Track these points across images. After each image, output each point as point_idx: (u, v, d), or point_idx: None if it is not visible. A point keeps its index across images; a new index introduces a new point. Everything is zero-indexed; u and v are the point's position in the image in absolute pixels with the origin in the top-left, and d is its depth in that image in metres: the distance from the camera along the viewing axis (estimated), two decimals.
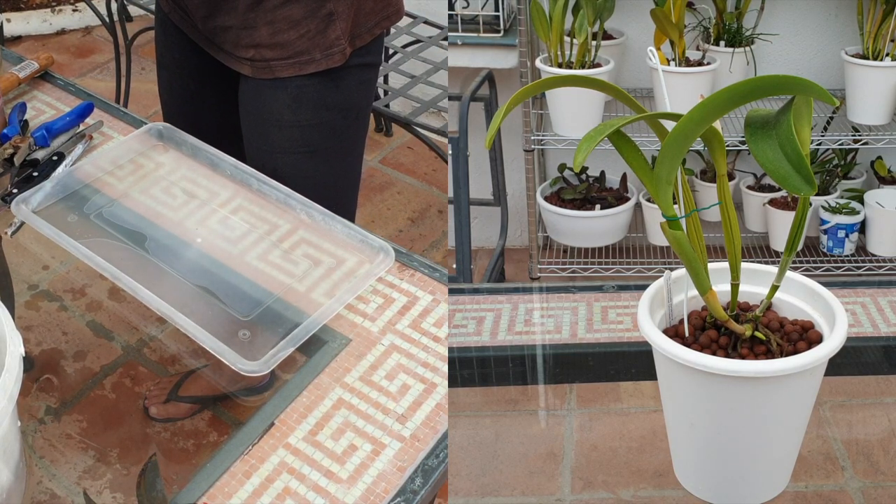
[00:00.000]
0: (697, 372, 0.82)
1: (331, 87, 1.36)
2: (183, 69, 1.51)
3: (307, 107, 1.36)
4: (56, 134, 1.31)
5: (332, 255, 1.14)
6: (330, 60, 1.33)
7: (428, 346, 1.05)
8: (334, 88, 1.37)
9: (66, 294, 1.15)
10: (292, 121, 1.37)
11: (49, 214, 1.17)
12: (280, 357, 1.00)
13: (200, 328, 1.01)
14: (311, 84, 1.35)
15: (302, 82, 1.34)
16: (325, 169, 1.43)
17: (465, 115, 1.99)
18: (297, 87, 1.34)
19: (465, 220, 2.04)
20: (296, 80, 1.34)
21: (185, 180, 1.25)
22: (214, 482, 0.90)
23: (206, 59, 1.43)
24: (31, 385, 1.02)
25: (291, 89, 1.35)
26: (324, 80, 1.35)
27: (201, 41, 1.41)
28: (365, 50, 1.38)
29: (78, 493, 0.92)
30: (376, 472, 0.91)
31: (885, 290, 1.24)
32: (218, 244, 1.17)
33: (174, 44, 1.48)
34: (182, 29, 1.44)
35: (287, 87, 1.34)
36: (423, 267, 1.15)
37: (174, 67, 1.53)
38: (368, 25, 1.36)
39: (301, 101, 1.35)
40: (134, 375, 1.06)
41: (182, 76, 1.52)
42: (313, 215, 1.20)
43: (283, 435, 0.94)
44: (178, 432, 1.01)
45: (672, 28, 2.01)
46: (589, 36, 2.05)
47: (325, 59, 1.32)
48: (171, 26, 1.46)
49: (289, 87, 1.34)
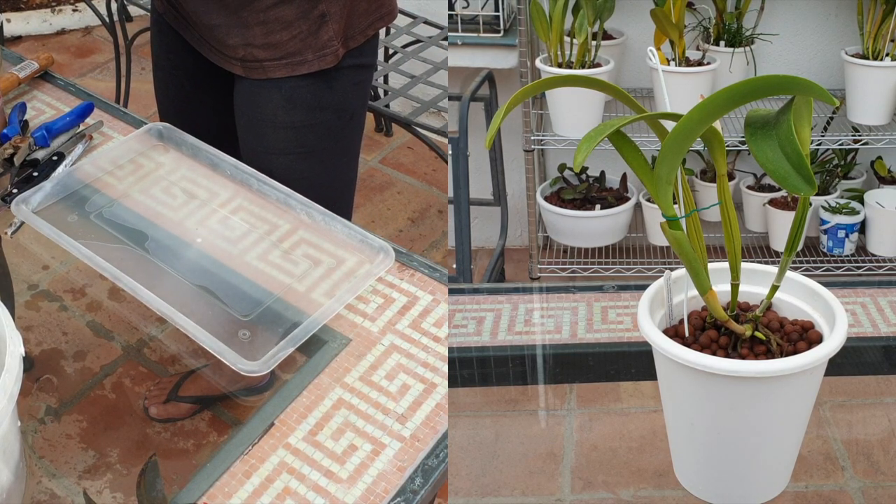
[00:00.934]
0: (697, 372, 0.82)
1: (324, 88, 1.36)
2: (178, 70, 1.51)
3: (301, 108, 1.36)
4: (56, 134, 1.31)
5: (332, 255, 1.14)
6: (322, 62, 1.33)
7: (428, 346, 1.05)
8: (328, 89, 1.37)
9: (66, 294, 1.15)
10: (286, 121, 1.37)
11: (49, 214, 1.17)
12: (280, 357, 1.00)
13: (200, 328, 1.01)
14: (304, 85, 1.35)
15: (295, 83, 1.34)
16: (320, 169, 1.43)
17: (465, 115, 1.99)
18: (290, 87, 1.35)
19: (465, 220, 2.04)
20: (289, 81, 1.34)
21: (185, 180, 1.25)
22: (214, 482, 0.90)
23: (200, 60, 1.43)
24: (31, 385, 1.02)
25: (285, 90, 1.35)
26: (317, 80, 1.35)
27: (194, 41, 1.41)
28: (358, 51, 1.38)
29: (78, 493, 0.92)
30: (376, 472, 0.91)
31: (885, 290, 1.24)
32: (218, 244, 1.17)
33: (169, 44, 1.48)
34: (177, 29, 1.44)
35: (281, 88, 1.35)
36: (423, 267, 1.15)
37: (169, 68, 1.53)
38: (362, 27, 1.36)
39: (295, 101, 1.35)
40: (134, 375, 1.06)
41: (177, 77, 1.52)
42: (313, 215, 1.20)
43: (283, 435, 0.94)
44: (178, 432, 1.01)
45: (672, 28, 2.01)
46: (589, 36, 2.05)
47: (318, 60, 1.32)
48: (166, 27, 1.46)
49: (282, 88, 1.35)
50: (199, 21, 1.35)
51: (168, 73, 1.54)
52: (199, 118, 1.51)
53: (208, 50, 1.39)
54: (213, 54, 1.39)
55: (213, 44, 1.37)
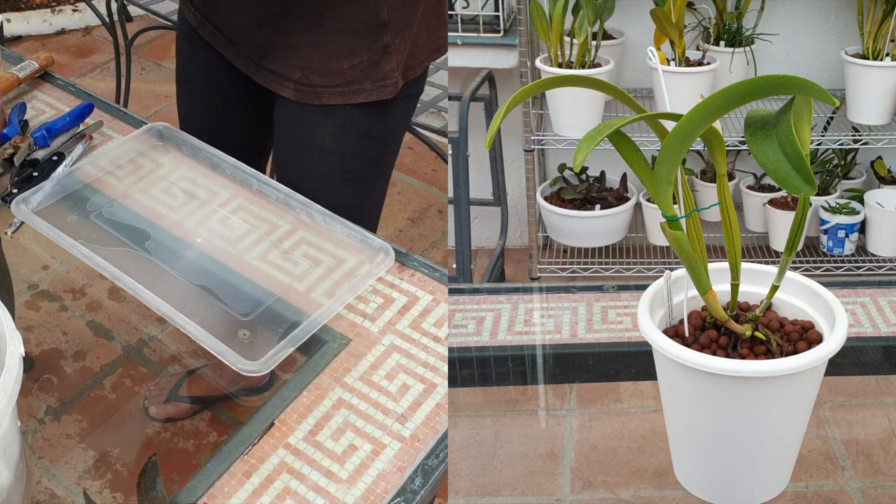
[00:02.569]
0: (697, 372, 0.82)
1: (378, 118, 1.34)
2: (209, 84, 1.47)
3: (352, 136, 1.34)
4: (56, 134, 1.31)
5: (332, 255, 1.14)
6: (381, 92, 1.30)
7: (428, 346, 1.05)
8: (381, 120, 1.35)
9: (66, 294, 1.15)
10: (335, 148, 1.35)
11: (49, 214, 1.17)
12: (280, 357, 1.00)
13: (200, 328, 1.01)
14: (357, 114, 1.32)
15: (349, 111, 1.31)
16: (359, 193, 1.41)
17: (465, 115, 1.99)
18: (343, 115, 1.32)
19: (465, 220, 2.04)
20: (343, 109, 1.31)
21: (185, 180, 1.25)
22: (214, 482, 0.90)
23: (236, 77, 1.39)
24: (31, 385, 1.02)
25: (338, 118, 1.32)
26: (371, 110, 1.32)
27: (234, 58, 1.38)
28: (413, 82, 1.36)
29: (78, 493, 0.92)
30: (376, 472, 0.91)
31: (885, 290, 1.24)
32: (218, 244, 1.17)
33: (201, 59, 1.44)
34: (213, 44, 1.40)
35: (333, 116, 1.32)
36: (423, 267, 1.15)
37: (198, 82, 1.49)
38: (420, 58, 1.34)
39: (346, 130, 1.33)
40: (134, 375, 1.06)
41: (208, 92, 1.48)
42: (313, 215, 1.20)
43: (283, 435, 0.94)
44: (178, 432, 1.01)
45: (672, 28, 2.01)
46: (589, 36, 2.05)
47: (377, 91, 1.30)
48: (199, 40, 1.42)
49: (335, 116, 1.32)
50: (244, 39, 1.33)
51: (196, 87, 1.50)
52: (228, 133, 1.47)
53: (253, 69, 1.35)
54: (258, 73, 1.35)
55: (261, 62, 1.33)
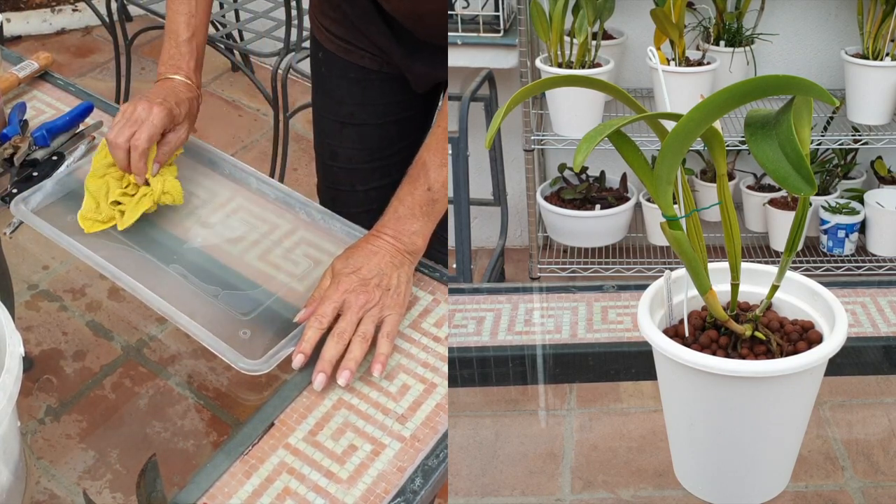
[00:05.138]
0: (697, 372, 0.82)
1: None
2: (386, 116, 1.44)
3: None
4: (56, 134, 1.31)
5: (331, 255, 1.14)
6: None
7: (428, 346, 1.05)
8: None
9: (66, 294, 1.15)
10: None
11: (49, 214, 1.17)
12: (280, 356, 1.00)
13: (201, 327, 1.01)
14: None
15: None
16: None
17: (465, 115, 1.99)
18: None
19: (465, 220, 2.04)
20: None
21: (185, 180, 1.25)
22: (214, 482, 0.90)
23: (413, 98, 1.43)
24: (31, 385, 1.02)
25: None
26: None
27: (416, 80, 1.40)
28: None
29: (78, 493, 0.92)
30: (376, 472, 0.91)
31: (885, 290, 1.24)
32: (218, 244, 1.17)
33: (373, 95, 1.41)
34: (404, 72, 1.39)
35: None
36: (423, 267, 1.15)
37: (370, 118, 1.43)
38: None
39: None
40: (134, 375, 1.06)
41: (384, 126, 1.45)
42: (313, 215, 1.20)
43: (283, 435, 0.94)
44: (178, 432, 1.01)
45: (672, 28, 2.00)
46: (589, 36, 2.04)
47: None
48: (378, 81, 1.40)
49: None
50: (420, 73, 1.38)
51: (369, 127, 1.45)
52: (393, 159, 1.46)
53: (423, 82, 1.41)
54: (427, 83, 1.41)
55: (431, 68, 1.39)
